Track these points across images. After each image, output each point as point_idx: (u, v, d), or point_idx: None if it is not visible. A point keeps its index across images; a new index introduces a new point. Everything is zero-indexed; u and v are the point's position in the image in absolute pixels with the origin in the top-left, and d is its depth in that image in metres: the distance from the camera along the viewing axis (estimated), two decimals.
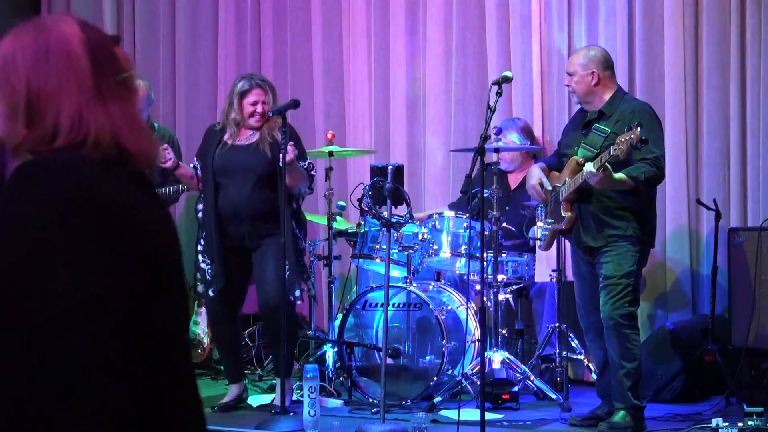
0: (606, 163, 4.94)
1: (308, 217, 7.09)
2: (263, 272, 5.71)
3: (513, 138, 6.57)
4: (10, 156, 1.76)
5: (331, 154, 6.29)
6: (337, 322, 6.29)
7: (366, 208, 5.65)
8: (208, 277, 5.76)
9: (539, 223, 5.61)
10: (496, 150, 5.94)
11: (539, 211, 5.60)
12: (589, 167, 5.01)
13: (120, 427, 1.65)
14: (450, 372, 5.93)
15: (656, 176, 5.15)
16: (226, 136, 5.79)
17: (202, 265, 5.79)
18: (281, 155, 5.41)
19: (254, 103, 5.76)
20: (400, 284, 6.12)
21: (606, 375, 5.38)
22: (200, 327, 6.85)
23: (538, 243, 5.66)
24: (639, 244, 5.24)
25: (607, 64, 5.39)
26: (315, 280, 6.89)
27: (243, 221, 5.72)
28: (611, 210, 5.23)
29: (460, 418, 5.00)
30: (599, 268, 5.27)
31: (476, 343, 5.98)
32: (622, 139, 4.89)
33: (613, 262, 5.21)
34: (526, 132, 6.66)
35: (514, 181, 6.70)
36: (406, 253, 6.16)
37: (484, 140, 5.04)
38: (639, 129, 4.86)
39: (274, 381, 6.44)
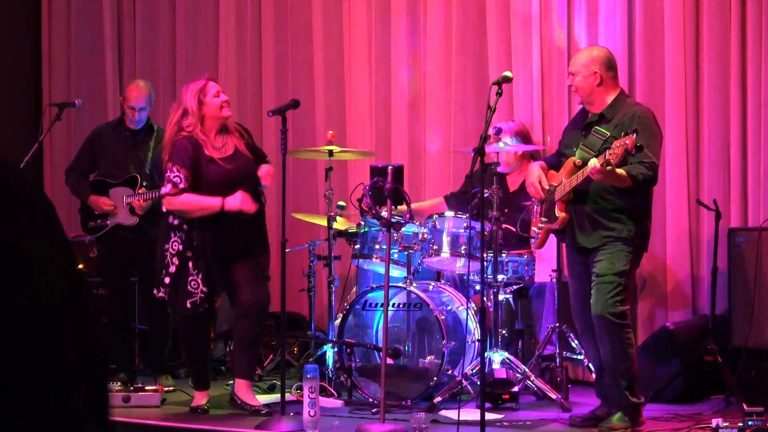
0: (609, 160, 4.93)
1: (308, 217, 7.10)
2: (255, 277, 5.74)
3: (506, 141, 6.54)
4: None
5: (330, 154, 6.29)
6: (337, 322, 6.29)
7: (366, 208, 5.65)
8: (191, 288, 5.67)
9: (533, 226, 5.61)
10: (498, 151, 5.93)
11: (535, 209, 5.60)
12: (594, 162, 5.01)
13: None
14: (450, 372, 5.93)
15: (651, 180, 5.15)
16: (207, 150, 5.66)
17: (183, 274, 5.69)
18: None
19: (217, 94, 5.71)
20: (400, 284, 6.12)
21: (605, 375, 5.38)
22: None
23: (531, 241, 5.66)
24: (633, 246, 5.24)
25: (609, 64, 5.38)
26: (315, 280, 6.89)
27: (244, 231, 5.73)
28: (607, 211, 5.23)
29: (460, 418, 5.00)
30: (592, 267, 5.27)
31: (476, 343, 5.99)
32: (618, 144, 4.89)
33: (606, 261, 5.21)
34: (521, 135, 6.62)
35: (513, 183, 6.68)
36: (406, 253, 6.16)
37: (484, 140, 5.05)
38: (635, 135, 4.86)
39: (275, 381, 6.45)
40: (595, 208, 5.25)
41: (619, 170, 5.01)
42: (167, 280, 5.72)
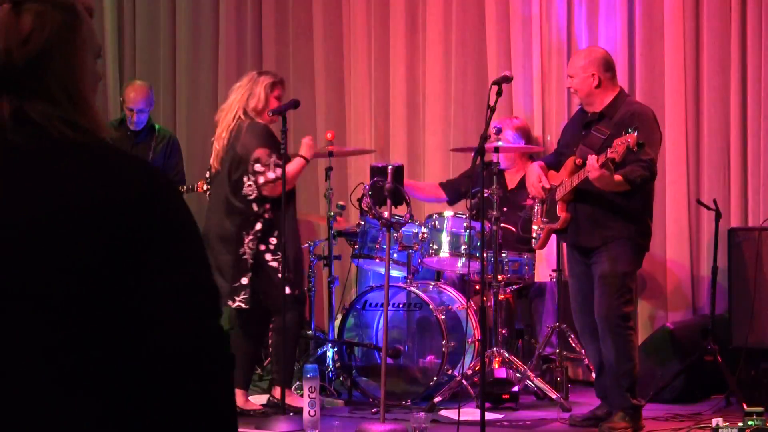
0: (608, 161, 4.93)
1: (308, 217, 7.11)
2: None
3: (507, 136, 6.54)
4: None
5: (331, 153, 6.29)
6: (337, 322, 6.29)
7: (366, 208, 5.65)
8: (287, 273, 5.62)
9: (534, 225, 5.61)
10: (496, 149, 5.92)
11: (536, 210, 5.60)
12: (592, 160, 5.01)
13: None
14: (450, 372, 5.93)
15: (649, 179, 5.16)
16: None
17: (273, 264, 5.62)
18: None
19: (278, 98, 5.73)
20: (400, 284, 6.12)
21: (604, 375, 5.38)
22: None
23: (533, 241, 5.67)
24: (634, 245, 5.24)
25: (607, 65, 5.38)
26: (315, 280, 6.89)
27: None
28: (607, 211, 5.22)
29: (460, 418, 5.00)
30: (594, 268, 5.27)
31: (476, 343, 5.99)
32: (620, 142, 4.89)
33: (609, 262, 5.21)
34: (522, 131, 6.64)
35: (511, 181, 6.68)
36: (406, 253, 6.16)
37: (484, 140, 5.05)
38: (636, 132, 4.86)
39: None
40: (596, 207, 5.25)
41: (617, 176, 5.01)
42: (245, 280, 5.60)
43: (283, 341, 5.62)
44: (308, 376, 5.23)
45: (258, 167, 5.55)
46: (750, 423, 4.96)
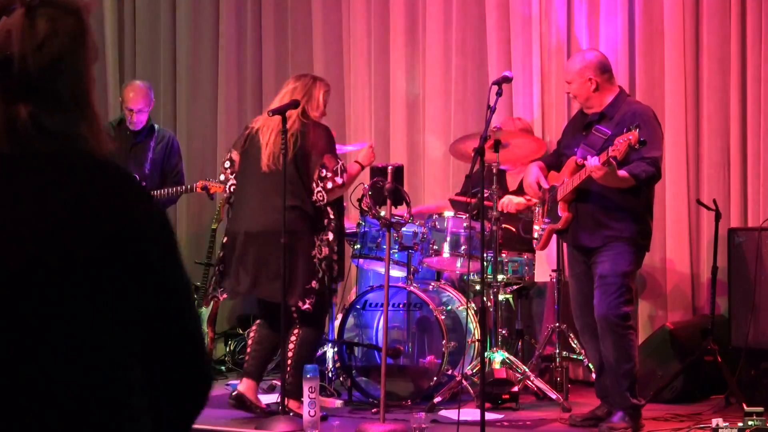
0: (611, 159, 4.93)
1: None
2: None
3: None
4: None
5: None
6: (337, 322, 6.29)
7: (366, 208, 5.64)
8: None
9: (535, 226, 5.61)
10: (496, 148, 5.86)
11: (537, 210, 5.60)
12: (594, 160, 5.01)
13: None
14: (450, 372, 5.93)
15: (654, 176, 5.15)
16: None
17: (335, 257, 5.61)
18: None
19: (325, 106, 5.71)
20: (400, 284, 6.12)
21: (604, 375, 5.38)
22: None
23: (534, 242, 5.66)
24: (635, 245, 5.24)
25: (603, 67, 5.36)
26: None
27: None
28: (609, 211, 5.22)
29: (460, 418, 5.00)
30: (595, 268, 5.27)
31: (476, 343, 5.99)
32: (621, 140, 4.89)
33: (609, 262, 5.21)
34: (526, 133, 6.64)
35: (512, 183, 6.68)
36: (406, 253, 6.16)
37: (485, 140, 5.05)
38: (637, 130, 4.86)
39: (275, 381, 6.44)
40: (597, 207, 5.25)
41: (621, 172, 5.01)
42: (315, 284, 5.50)
43: (307, 351, 5.59)
44: (308, 376, 5.22)
45: (324, 173, 5.49)
46: (750, 423, 4.96)
